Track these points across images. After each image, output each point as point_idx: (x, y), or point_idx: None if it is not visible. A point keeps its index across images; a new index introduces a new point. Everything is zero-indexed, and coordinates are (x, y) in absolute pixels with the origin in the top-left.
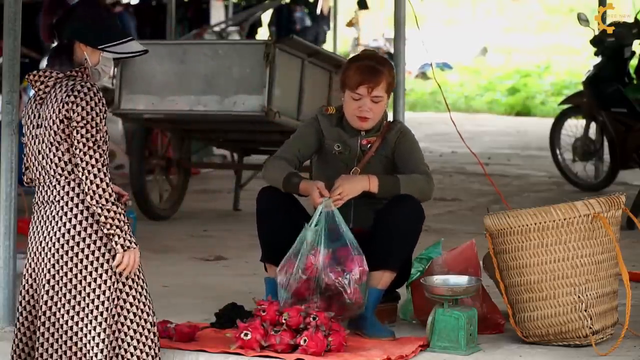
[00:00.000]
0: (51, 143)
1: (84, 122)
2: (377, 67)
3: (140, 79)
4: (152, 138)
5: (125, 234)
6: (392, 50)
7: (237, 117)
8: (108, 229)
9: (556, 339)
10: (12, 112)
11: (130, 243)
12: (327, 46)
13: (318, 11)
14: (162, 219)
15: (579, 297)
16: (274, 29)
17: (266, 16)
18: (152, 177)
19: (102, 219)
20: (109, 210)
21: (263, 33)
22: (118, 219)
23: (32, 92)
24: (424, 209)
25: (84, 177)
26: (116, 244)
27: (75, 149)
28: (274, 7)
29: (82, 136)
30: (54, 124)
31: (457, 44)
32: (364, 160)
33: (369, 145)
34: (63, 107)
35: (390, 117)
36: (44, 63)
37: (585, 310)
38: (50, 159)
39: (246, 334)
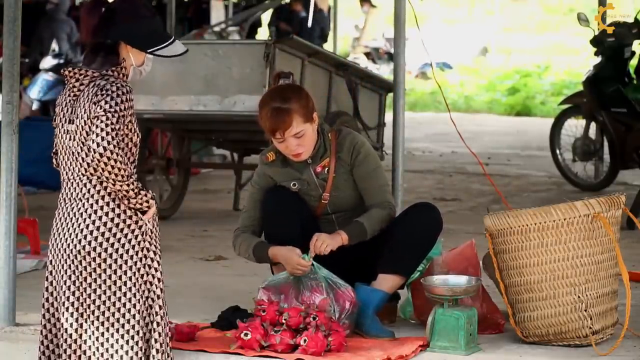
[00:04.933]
0: (83, 142)
1: (105, 112)
2: (282, 108)
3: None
4: (152, 138)
5: (144, 198)
6: (392, 50)
7: (237, 117)
8: (135, 201)
9: (556, 339)
10: (12, 112)
11: (150, 202)
12: (327, 46)
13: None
14: (162, 218)
15: (579, 297)
16: (273, 29)
17: (266, 16)
18: (152, 177)
19: (124, 192)
20: (128, 185)
21: (263, 33)
22: (139, 188)
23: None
24: (442, 220)
25: (103, 160)
26: (148, 208)
27: (92, 133)
28: (274, 7)
29: (101, 121)
30: (85, 124)
31: (457, 43)
32: (329, 185)
33: (326, 170)
34: (91, 106)
35: (390, 116)
36: (44, 63)
37: (585, 310)
38: (83, 158)
39: (246, 334)
